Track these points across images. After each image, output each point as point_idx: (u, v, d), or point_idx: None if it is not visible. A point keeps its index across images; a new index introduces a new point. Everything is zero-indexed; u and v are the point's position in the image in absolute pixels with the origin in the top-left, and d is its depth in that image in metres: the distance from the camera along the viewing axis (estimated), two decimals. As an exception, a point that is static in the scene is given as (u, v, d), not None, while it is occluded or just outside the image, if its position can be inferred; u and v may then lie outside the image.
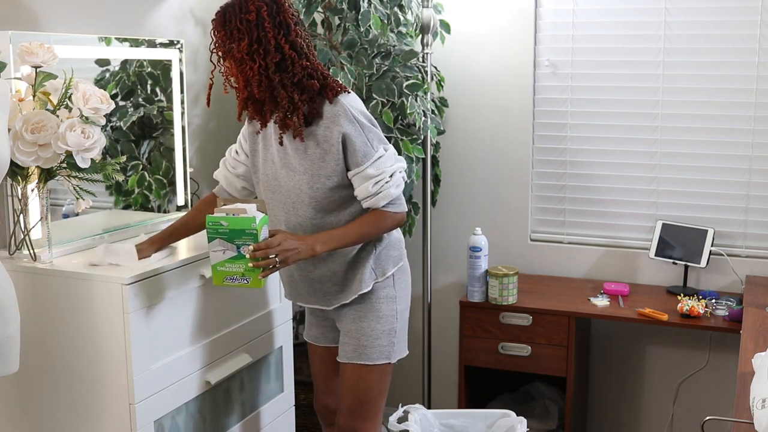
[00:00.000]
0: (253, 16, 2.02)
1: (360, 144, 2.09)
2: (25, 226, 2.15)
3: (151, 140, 2.62)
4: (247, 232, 1.98)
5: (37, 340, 2.14)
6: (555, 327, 2.95)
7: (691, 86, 3.07)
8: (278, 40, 2.04)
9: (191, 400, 2.29)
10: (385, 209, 2.15)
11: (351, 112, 2.09)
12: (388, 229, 2.19)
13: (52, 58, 2.06)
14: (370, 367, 2.24)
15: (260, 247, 1.98)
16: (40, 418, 2.20)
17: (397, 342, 2.27)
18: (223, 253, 2.01)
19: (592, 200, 3.27)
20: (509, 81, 3.27)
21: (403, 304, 2.30)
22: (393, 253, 2.28)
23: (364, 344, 2.23)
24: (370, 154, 2.10)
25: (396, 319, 2.26)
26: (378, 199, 2.13)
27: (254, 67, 2.03)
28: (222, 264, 2.02)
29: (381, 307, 2.24)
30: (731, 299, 2.91)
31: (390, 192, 2.13)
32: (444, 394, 3.52)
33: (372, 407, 2.29)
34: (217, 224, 1.99)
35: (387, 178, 2.12)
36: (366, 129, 2.11)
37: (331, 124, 2.09)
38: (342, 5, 2.93)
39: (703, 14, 3.02)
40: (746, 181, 3.05)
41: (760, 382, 1.68)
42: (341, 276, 2.23)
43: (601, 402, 3.38)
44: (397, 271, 2.28)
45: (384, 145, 2.15)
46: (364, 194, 2.12)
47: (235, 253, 2.00)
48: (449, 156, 3.39)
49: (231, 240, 1.99)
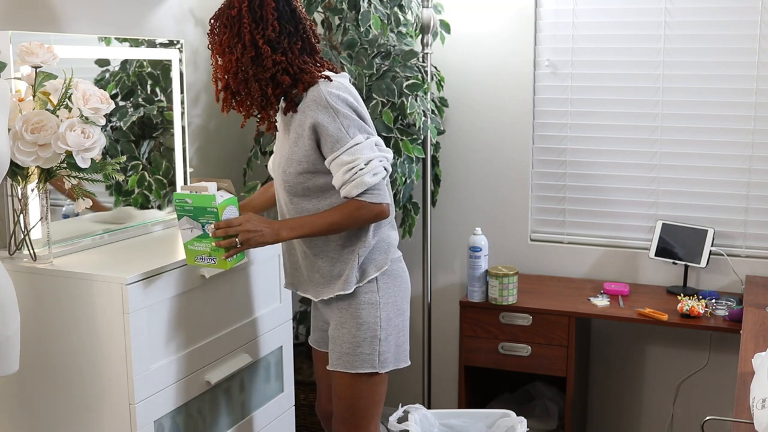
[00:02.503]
0: (235, 12, 2.09)
1: (333, 130, 2.06)
2: (25, 226, 2.14)
3: (151, 140, 2.62)
4: (208, 210, 2.04)
5: (37, 340, 2.14)
6: (555, 327, 2.95)
7: (691, 86, 3.07)
8: (254, 35, 2.08)
9: (191, 400, 2.29)
10: (361, 199, 2.07)
11: (326, 99, 2.07)
12: (365, 220, 2.11)
13: (52, 58, 2.05)
14: (357, 376, 2.19)
15: (220, 225, 2.04)
16: (40, 417, 2.20)
17: (384, 351, 2.19)
18: (191, 231, 2.08)
19: (592, 200, 3.27)
20: (509, 81, 3.27)
21: (391, 311, 2.21)
22: (377, 257, 2.20)
23: (346, 351, 2.19)
24: (343, 140, 2.06)
25: (379, 327, 2.18)
26: (352, 188, 2.06)
27: (232, 60, 2.10)
28: (191, 243, 2.09)
29: (362, 314, 2.18)
30: (731, 299, 2.92)
31: (364, 180, 2.05)
32: (444, 394, 3.52)
33: (364, 415, 2.23)
34: (182, 201, 2.06)
35: (362, 165, 2.05)
36: (341, 115, 2.07)
37: (306, 110, 2.10)
38: (342, 5, 2.93)
39: (703, 14, 3.03)
40: (746, 181, 3.05)
41: (760, 382, 1.68)
42: (326, 270, 2.20)
43: (601, 402, 3.38)
44: (382, 276, 2.20)
45: (364, 133, 2.09)
46: (338, 182, 2.08)
47: (201, 232, 2.06)
48: (449, 156, 3.39)
49: (196, 218, 2.05)
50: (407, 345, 2.29)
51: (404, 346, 2.27)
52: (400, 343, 2.25)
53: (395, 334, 2.23)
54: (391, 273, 2.23)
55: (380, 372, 2.20)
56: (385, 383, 2.26)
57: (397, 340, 2.24)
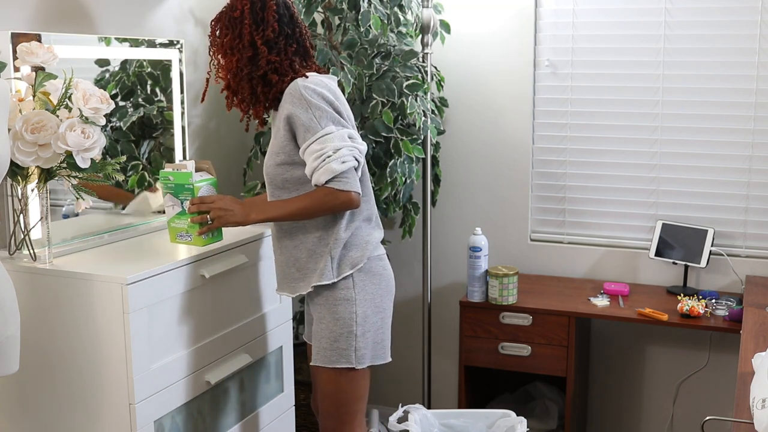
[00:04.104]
0: (238, 14, 2.19)
1: (305, 120, 2.13)
2: (25, 226, 2.14)
3: (151, 140, 2.62)
4: (186, 187, 2.17)
5: (37, 340, 2.14)
6: (555, 327, 2.95)
7: (691, 86, 3.07)
8: (253, 36, 2.18)
9: (191, 400, 2.29)
10: (329, 186, 2.11)
11: (300, 92, 2.14)
12: (332, 207, 2.14)
13: (52, 58, 2.06)
14: (337, 371, 2.23)
15: (194, 201, 2.16)
16: (40, 417, 2.20)
17: (361, 347, 2.22)
18: (172, 208, 2.20)
19: (592, 200, 3.27)
20: (509, 81, 3.27)
21: (368, 308, 2.23)
22: (352, 254, 2.22)
23: (324, 346, 2.23)
24: (314, 129, 2.12)
25: (355, 323, 2.21)
26: (319, 175, 2.11)
27: (233, 60, 2.21)
28: (173, 220, 2.21)
29: (338, 309, 2.21)
30: (731, 299, 2.91)
31: (331, 167, 2.09)
32: (444, 394, 3.52)
33: (347, 410, 2.28)
34: (166, 179, 2.19)
35: (330, 152, 2.10)
36: (314, 107, 2.13)
37: (284, 103, 2.19)
38: (342, 5, 2.93)
39: (703, 14, 3.03)
40: (746, 181, 3.05)
41: (760, 382, 1.68)
42: (303, 263, 2.24)
43: (601, 402, 3.38)
44: (358, 273, 2.22)
45: (337, 125, 2.13)
46: (309, 170, 2.14)
47: (180, 209, 2.19)
48: (449, 156, 3.39)
49: (177, 195, 2.19)
50: (387, 342, 2.32)
51: (383, 342, 2.30)
52: (378, 340, 2.28)
53: (373, 331, 2.26)
54: (369, 270, 2.25)
55: (357, 368, 2.23)
56: (366, 379, 2.29)
57: (375, 337, 2.27)
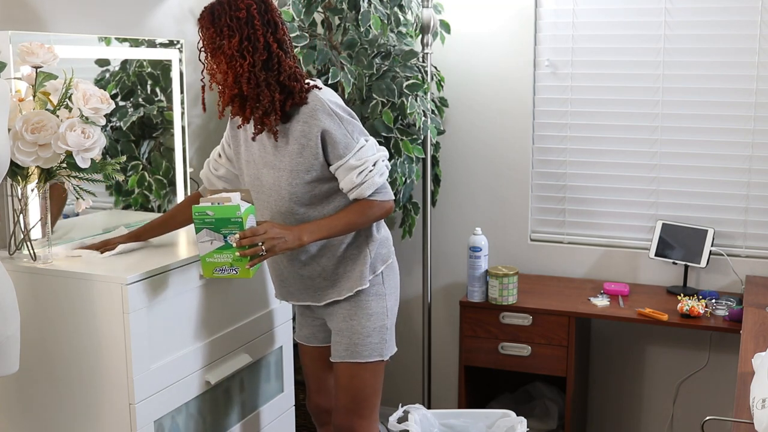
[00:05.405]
0: (244, 14, 2.04)
1: (341, 136, 2.11)
2: (25, 226, 2.14)
3: (151, 140, 2.62)
4: (232, 220, 1.99)
5: (37, 340, 2.14)
6: (555, 327, 2.95)
7: (691, 86, 3.07)
8: (266, 38, 2.07)
9: (191, 400, 2.29)
10: (372, 198, 2.16)
11: (329, 107, 2.11)
12: (376, 218, 2.19)
13: (52, 58, 2.06)
14: (364, 365, 2.26)
15: (246, 234, 2.00)
16: (40, 417, 2.20)
17: (388, 339, 2.30)
18: (210, 243, 2.02)
19: (592, 200, 3.27)
20: (509, 81, 3.27)
21: (393, 300, 2.32)
22: (382, 251, 2.29)
23: (356, 342, 2.25)
24: (351, 146, 2.12)
25: (386, 316, 2.28)
26: (364, 189, 2.13)
27: (244, 64, 2.05)
28: (210, 255, 2.03)
29: (371, 305, 2.26)
30: (731, 299, 2.91)
31: (375, 180, 2.14)
32: (444, 394, 3.52)
33: (368, 404, 2.30)
34: (203, 214, 2.00)
35: (370, 167, 2.13)
36: (345, 121, 2.12)
37: (310, 119, 2.10)
38: (342, 5, 2.93)
39: (703, 14, 3.03)
40: (746, 181, 3.05)
41: (760, 382, 1.68)
42: (331, 271, 2.25)
43: (601, 402, 3.38)
44: (386, 269, 2.30)
45: (364, 136, 2.16)
46: (349, 185, 2.13)
47: (223, 243, 2.02)
48: (449, 156, 3.39)
49: (218, 229, 2.01)
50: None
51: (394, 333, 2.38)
52: (394, 331, 2.36)
53: (394, 323, 2.34)
54: (392, 265, 2.34)
55: (385, 359, 2.29)
56: (384, 370, 2.34)
57: (394, 328, 2.35)
